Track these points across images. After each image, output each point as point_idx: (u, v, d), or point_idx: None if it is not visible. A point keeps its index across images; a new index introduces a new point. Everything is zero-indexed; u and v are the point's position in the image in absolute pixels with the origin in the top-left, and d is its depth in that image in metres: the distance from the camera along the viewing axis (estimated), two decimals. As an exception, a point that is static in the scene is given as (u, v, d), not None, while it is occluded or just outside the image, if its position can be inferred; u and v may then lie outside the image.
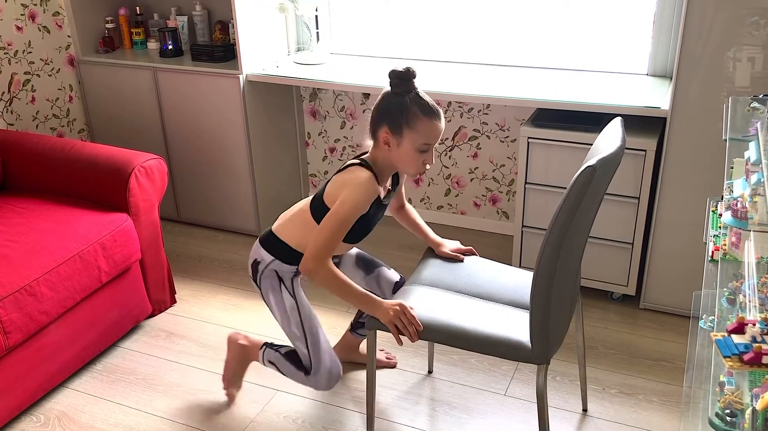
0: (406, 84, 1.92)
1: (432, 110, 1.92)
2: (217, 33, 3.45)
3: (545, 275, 1.74)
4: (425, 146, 1.93)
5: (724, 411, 1.10)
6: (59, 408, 2.42)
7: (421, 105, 1.91)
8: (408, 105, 1.91)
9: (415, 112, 1.90)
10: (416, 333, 1.91)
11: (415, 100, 1.92)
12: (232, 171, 3.42)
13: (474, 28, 3.30)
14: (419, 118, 1.90)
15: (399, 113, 1.91)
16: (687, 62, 2.44)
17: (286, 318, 2.16)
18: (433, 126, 1.92)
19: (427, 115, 1.91)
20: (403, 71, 1.92)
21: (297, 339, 2.16)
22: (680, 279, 2.74)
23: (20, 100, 3.36)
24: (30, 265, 2.30)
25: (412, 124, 1.90)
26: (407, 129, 1.91)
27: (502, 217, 3.51)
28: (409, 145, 1.92)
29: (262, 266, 2.15)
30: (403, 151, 1.94)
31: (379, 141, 1.97)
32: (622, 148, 1.81)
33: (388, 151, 1.95)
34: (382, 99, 1.96)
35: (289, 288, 2.15)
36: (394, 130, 1.92)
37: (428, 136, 1.92)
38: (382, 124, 1.94)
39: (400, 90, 1.93)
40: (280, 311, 2.16)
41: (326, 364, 2.15)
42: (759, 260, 1.42)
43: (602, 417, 2.33)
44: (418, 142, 1.92)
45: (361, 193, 1.94)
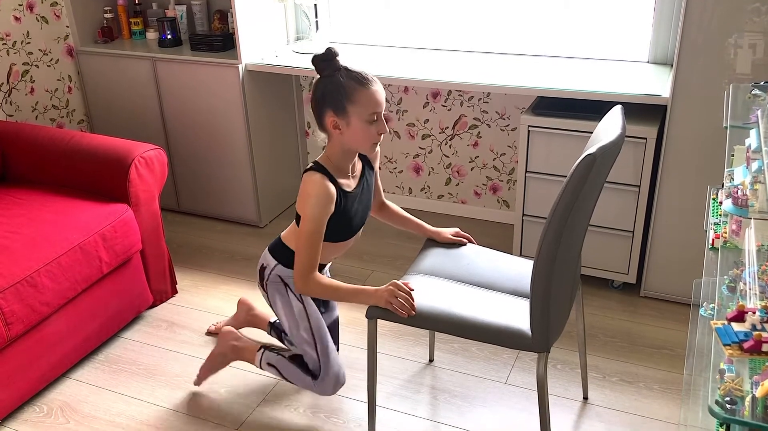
0: (332, 64, 1.91)
1: (366, 78, 1.91)
2: (216, 22, 3.44)
3: (546, 263, 1.74)
4: (373, 115, 1.90)
5: (724, 399, 1.10)
6: (61, 398, 2.43)
7: (354, 77, 1.90)
8: (342, 82, 1.89)
9: (351, 86, 1.89)
10: (412, 307, 1.92)
11: (345, 74, 1.90)
12: (231, 161, 3.42)
13: (474, 16, 3.29)
14: (357, 90, 1.88)
15: (336, 93, 1.89)
16: (688, 49, 2.43)
17: (294, 323, 2.15)
18: (373, 93, 1.90)
19: (363, 85, 1.89)
20: (324, 53, 1.91)
21: (306, 344, 2.15)
22: (681, 267, 2.74)
23: (19, 91, 3.35)
24: (31, 256, 2.30)
25: (352, 98, 1.88)
26: (350, 104, 1.89)
27: (503, 206, 3.51)
28: (357, 120, 1.90)
29: (268, 271, 2.16)
30: (354, 129, 1.91)
31: (328, 129, 1.94)
32: (623, 136, 1.81)
33: (341, 134, 1.93)
34: (316, 87, 1.94)
35: (296, 293, 2.13)
36: (338, 111, 1.90)
37: (372, 104, 1.90)
38: (325, 110, 1.92)
39: (328, 71, 1.91)
40: (288, 315, 2.16)
41: (335, 370, 2.16)
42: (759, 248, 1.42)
43: (603, 405, 2.33)
44: (365, 113, 1.89)
45: (314, 204, 1.93)
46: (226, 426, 2.28)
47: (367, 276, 3.07)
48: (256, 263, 3.24)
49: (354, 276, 3.05)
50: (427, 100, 3.42)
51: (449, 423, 2.28)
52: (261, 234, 3.49)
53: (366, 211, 2.12)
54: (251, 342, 2.33)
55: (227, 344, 2.34)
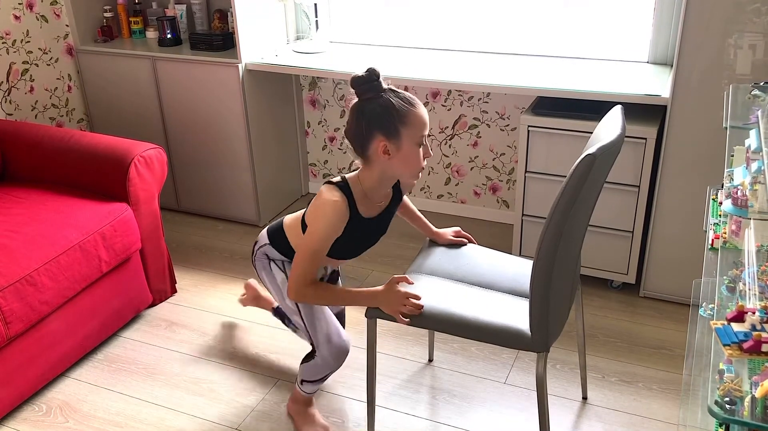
0: (376, 86, 1.82)
1: (413, 99, 1.84)
2: (216, 22, 3.43)
3: (545, 263, 1.74)
4: (422, 138, 1.84)
5: (723, 399, 1.10)
6: (61, 397, 2.43)
7: (403, 98, 1.82)
8: (393, 103, 1.80)
9: (403, 107, 1.81)
10: (418, 309, 1.91)
11: (393, 95, 1.82)
12: (231, 160, 3.42)
13: (474, 16, 3.29)
14: (408, 111, 1.81)
15: (388, 115, 1.80)
16: (688, 50, 2.43)
17: (279, 293, 2.14)
18: (422, 113, 1.84)
19: (413, 106, 1.82)
20: (367, 74, 1.81)
21: (293, 313, 2.13)
22: (680, 268, 2.74)
23: (19, 90, 3.35)
24: (30, 255, 2.30)
25: (405, 120, 1.80)
26: (403, 127, 1.80)
27: (503, 206, 3.51)
28: (408, 143, 1.82)
29: (257, 246, 2.18)
30: (405, 152, 1.83)
31: (375, 154, 1.84)
32: (622, 136, 1.81)
33: (388, 160, 1.84)
34: (360, 110, 1.83)
35: (279, 264, 2.14)
36: (389, 134, 1.81)
37: (422, 126, 1.83)
38: (373, 133, 1.81)
39: (372, 94, 1.81)
40: (274, 286, 2.16)
41: (324, 332, 2.08)
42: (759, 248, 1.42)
43: (602, 405, 2.33)
44: (416, 135, 1.82)
45: (326, 223, 1.87)
46: (225, 426, 2.28)
47: (366, 276, 3.07)
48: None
49: (354, 276, 3.05)
50: (427, 99, 3.42)
51: (449, 423, 2.28)
52: (260, 233, 3.48)
53: (379, 235, 2.07)
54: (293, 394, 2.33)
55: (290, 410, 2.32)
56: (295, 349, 2.61)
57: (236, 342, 2.69)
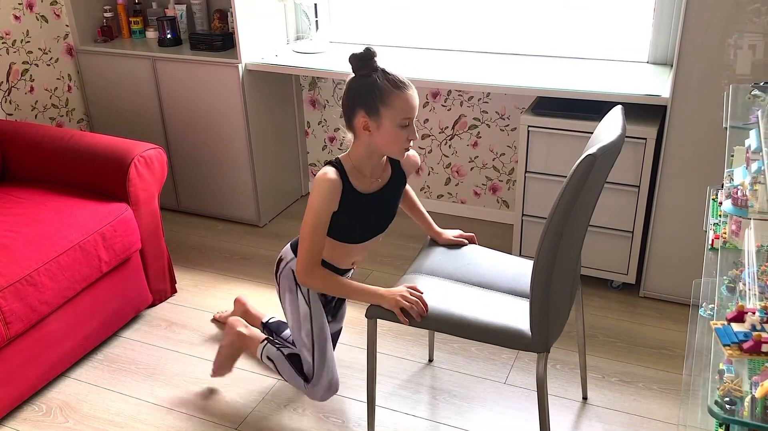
0: (369, 64, 1.89)
1: (402, 82, 1.89)
2: (216, 22, 3.43)
3: (545, 264, 1.74)
4: (405, 120, 1.87)
5: (723, 399, 1.10)
6: (61, 397, 2.43)
7: (391, 80, 1.88)
8: (378, 83, 1.87)
9: (387, 88, 1.86)
10: (423, 312, 1.91)
11: (382, 76, 1.88)
12: (231, 160, 3.42)
13: (474, 16, 3.29)
14: (393, 93, 1.86)
15: (371, 94, 1.87)
16: (688, 50, 2.43)
17: (297, 324, 2.16)
18: (408, 97, 1.88)
19: (399, 89, 1.87)
20: (362, 52, 1.89)
21: (304, 348, 2.16)
22: (680, 268, 2.74)
23: (19, 90, 3.35)
24: (30, 255, 2.30)
25: (386, 101, 1.86)
26: (383, 107, 1.86)
27: (503, 206, 3.51)
28: (389, 123, 1.87)
29: (283, 264, 2.16)
30: (384, 131, 1.89)
31: (357, 128, 1.92)
32: (623, 137, 1.81)
33: (369, 135, 1.91)
34: (350, 85, 1.92)
35: (305, 295, 2.13)
36: (370, 112, 1.88)
37: (406, 110, 1.88)
38: (356, 109, 1.89)
39: (365, 71, 1.89)
40: (293, 316, 2.16)
41: (328, 378, 2.16)
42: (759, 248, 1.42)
43: (602, 405, 2.33)
44: (398, 117, 1.87)
45: (317, 195, 1.92)
46: (225, 426, 2.28)
47: (366, 276, 3.07)
48: (256, 262, 3.23)
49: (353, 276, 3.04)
50: (427, 99, 3.42)
51: (449, 423, 2.28)
52: (260, 233, 3.49)
53: (385, 218, 2.09)
54: (257, 333, 2.34)
55: (234, 331, 2.35)
56: (295, 349, 2.61)
57: (236, 342, 2.69)
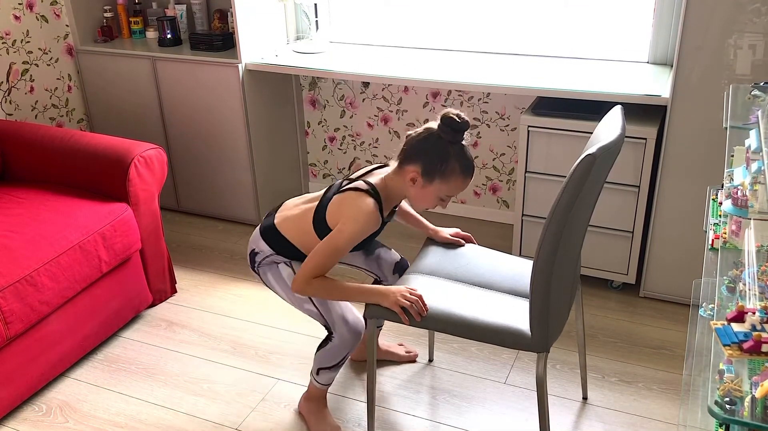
0: (457, 134, 1.90)
1: (470, 170, 1.93)
2: (216, 22, 3.43)
3: (545, 264, 1.74)
4: (447, 197, 1.97)
5: (723, 399, 1.10)
6: (61, 397, 2.43)
7: (463, 162, 1.91)
8: (450, 157, 1.90)
9: (455, 168, 1.90)
10: (422, 310, 1.91)
11: (458, 153, 1.90)
12: (231, 160, 3.42)
13: (474, 16, 3.29)
14: (456, 174, 1.91)
15: (438, 161, 1.90)
16: (688, 50, 2.43)
17: (287, 289, 2.12)
18: (465, 184, 1.95)
19: (464, 173, 1.92)
20: (458, 121, 1.88)
21: (304, 302, 2.11)
22: (680, 268, 2.74)
23: (19, 90, 3.35)
24: (30, 255, 2.30)
25: (446, 177, 1.91)
26: (440, 179, 1.91)
27: (502, 206, 3.51)
28: (433, 192, 1.94)
29: (260, 257, 2.14)
30: (425, 193, 1.95)
31: (405, 174, 1.95)
32: (622, 137, 1.81)
33: (411, 187, 1.95)
34: (426, 138, 1.93)
35: (287, 262, 2.13)
36: (426, 173, 1.91)
37: (456, 191, 1.96)
38: (416, 161, 1.92)
39: (448, 138, 1.90)
40: (281, 284, 2.13)
41: (338, 312, 2.08)
42: (759, 248, 1.42)
43: (602, 405, 2.33)
44: (444, 193, 1.94)
45: (361, 226, 1.93)
46: (225, 426, 2.28)
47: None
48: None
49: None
50: (427, 100, 3.42)
51: (448, 423, 2.28)
52: (260, 233, 3.48)
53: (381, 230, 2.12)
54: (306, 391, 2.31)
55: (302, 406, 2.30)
56: (296, 349, 2.61)
57: (236, 342, 2.69)
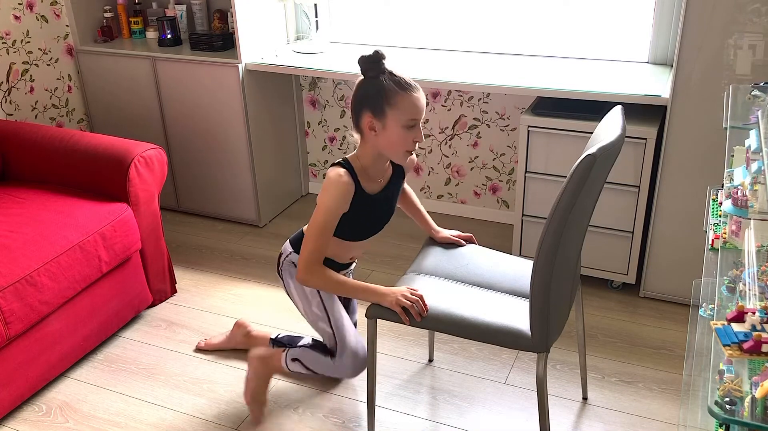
0: (377, 66, 1.91)
1: (409, 84, 1.91)
2: (216, 22, 3.43)
3: (545, 264, 1.74)
4: (411, 121, 1.90)
5: (723, 399, 1.10)
6: (61, 397, 2.43)
7: (397, 81, 1.90)
8: (384, 85, 1.89)
9: (393, 89, 1.89)
10: (423, 311, 1.91)
11: (389, 78, 1.90)
12: (231, 160, 3.42)
13: (474, 16, 3.29)
14: (398, 94, 1.88)
15: (377, 95, 1.90)
16: (688, 50, 2.43)
17: (306, 301, 2.15)
18: (414, 99, 1.90)
19: (405, 90, 1.89)
20: (371, 54, 1.92)
21: (320, 320, 2.15)
22: (680, 268, 2.74)
23: (19, 90, 3.35)
24: (30, 255, 2.30)
25: (392, 102, 1.88)
26: (389, 108, 1.89)
27: (503, 206, 3.51)
28: (394, 124, 1.90)
29: (283, 257, 2.18)
30: (390, 132, 1.91)
31: (364, 129, 1.95)
32: (623, 137, 1.81)
33: (375, 137, 1.93)
34: (358, 87, 1.94)
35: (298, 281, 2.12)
36: (376, 113, 1.90)
37: (412, 111, 1.90)
38: (363, 111, 1.92)
39: (373, 73, 1.91)
40: (301, 297, 2.16)
41: (351, 343, 2.13)
42: (759, 248, 1.42)
43: (602, 406, 2.33)
44: (403, 118, 1.89)
45: (330, 195, 1.93)
46: (225, 426, 2.28)
47: (366, 276, 3.07)
48: (256, 262, 3.23)
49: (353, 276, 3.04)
50: (427, 99, 3.40)
51: (448, 423, 2.28)
52: (260, 233, 3.49)
53: (386, 217, 2.12)
54: (275, 349, 2.29)
55: (255, 360, 2.27)
56: (295, 349, 2.61)
57: (236, 342, 2.69)
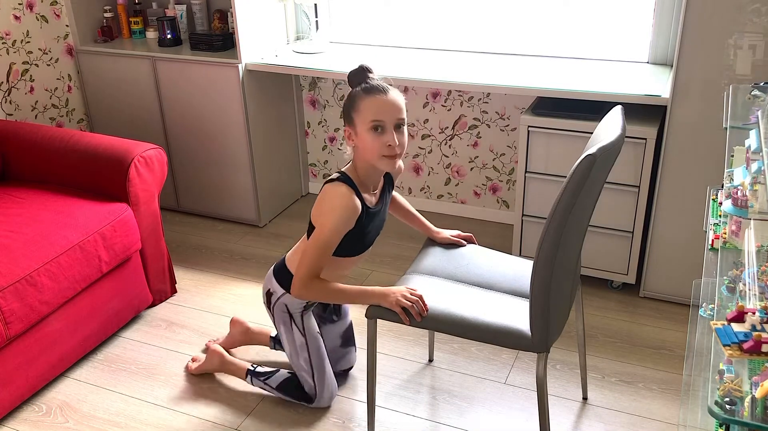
0: (359, 78, 1.92)
1: (375, 88, 1.87)
2: (216, 22, 3.43)
3: (545, 264, 1.74)
4: (375, 123, 1.84)
5: (723, 399, 1.10)
6: (61, 397, 2.43)
7: (366, 87, 1.88)
8: (355, 93, 1.90)
9: (359, 95, 1.88)
10: (423, 311, 1.91)
11: (362, 87, 1.89)
12: (231, 160, 3.42)
13: (474, 16, 3.29)
14: (361, 98, 1.87)
15: (348, 103, 1.91)
16: (688, 50, 2.43)
17: (295, 353, 2.22)
18: (378, 101, 1.85)
19: (369, 93, 1.87)
20: (356, 68, 1.92)
21: (304, 371, 2.23)
22: (680, 268, 2.74)
23: (19, 90, 3.35)
24: (30, 255, 2.30)
25: (356, 107, 1.88)
26: (355, 113, 1.88)
27: (503, 206, 3.51)
28: (362, 129, 1.87)
29: (274, 298, 2.18)
30: (361, 139, 1.89)
31: (347, 140, 1.95)
32: (623, 137, 1.81)
33: (355, 147, 1.93)
34: (345, 100, 1.95)
35: (299, 325, 2.18)
36: (347, 121, 1.91)
37: (373, 112, 1.84)
38: (345, 122, 1.93)
39: (354, 85, 1.93)
40: (290, 346, 2.22)
41: (330, 389, 2.26)
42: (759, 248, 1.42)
43: (602, 406, 2.33)
44: (366, 120, 1.85)
45: (338, 215, 1.90)
46: (225, 426, 2.28)
47: (366, 276, 3.07)
48: (256, 262, 3.22)
49: (353, 275, 3.05)
50: (426, 100, 3.42)
51: (448, 423, 2.28)
52: (260, 233, 3.49)
53: (380, 227, 2.11)
54: (241, 363, 2.42)
55: (215, 358, 2.46)
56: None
57: (236, 342, 2.69)
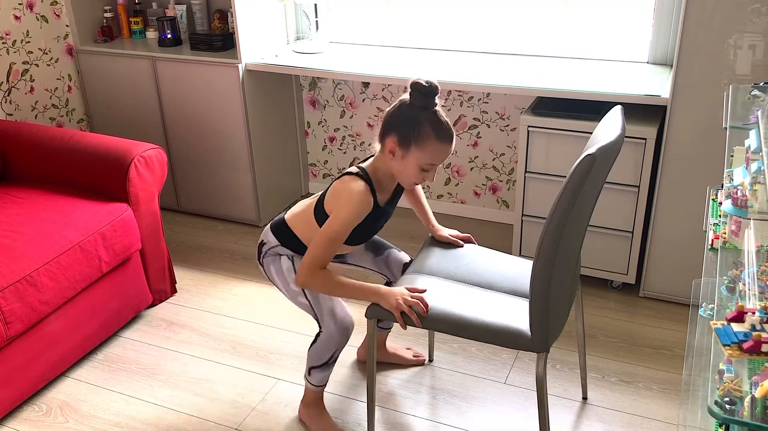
0: (427, 99, 1.88)
1: (445, 133, 1.88)
2: (216, 22, 3.43)
3: (545, 264, 1.74)
4: (429, 166, 1.91)
5: (723, 399, 1.10)
6: (61, 397, 2.43)
7: (436, 125, 1.87)
8: (422, 122, 1.86)
9: (428, 132, 1.86)
10: (423, 313, 1.90)
11: (431, 118, 1.87)
12: (231, 160, 3.42)
13: (474, 16, 3.29)
14: (430, 139, 1.86)
15: (411, 127, 1.87)
16: (687, 50, 2.43)
17: (284, 281, 2.14)
18: (442, 149, 1.89)
19: (439, 138, 1.87)
20: (425, 85, 1.86)
21: (298, 295, 2.13)
22: (680, 268, 2.74)
23: (19, 90, 3.35)
24: (30, 255, 2.30)
25: (421, 143, 1.86)
26: (415, 146, 1.87)
27: (502, 206, 3.51)
28: (413, 162, 1.90)
29: (266, 247, 2.17)
30: (406, 165, 1.91)
31: (384, 148, 1.93)
32: (622, 137, 1.81)
33: (392, 160, 1.93)
34: (398, 108, 1.91)
35: (288, 255, 2.15)
36: (402, 142, 1.88)
37: (435, 158, 1.89)
38: (391, 133, 1.90)
39: (419, 104, 1.88)
40: (280, 276, 2.15)
41: (328, 306, 2.10)
42: (759, 248, 1.42)
43: (602, 405, 2.33)
44: (423, 161, 1.89)
45: (352, 209, 1.91)
46: (225, 426, 2.28)
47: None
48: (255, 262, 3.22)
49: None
50: (426, 99, 3.41)
51: (448, 423, 2.28)
52: (260, 233, 3.48)
53: (384, 223, 2.12)
54: None
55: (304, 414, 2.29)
56: (296, 349, 2.61)
57: (236, 342, 2.69)
